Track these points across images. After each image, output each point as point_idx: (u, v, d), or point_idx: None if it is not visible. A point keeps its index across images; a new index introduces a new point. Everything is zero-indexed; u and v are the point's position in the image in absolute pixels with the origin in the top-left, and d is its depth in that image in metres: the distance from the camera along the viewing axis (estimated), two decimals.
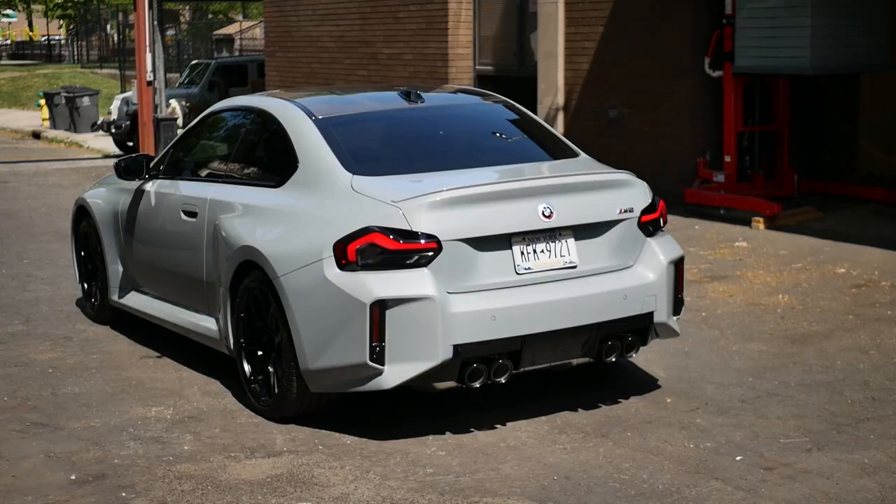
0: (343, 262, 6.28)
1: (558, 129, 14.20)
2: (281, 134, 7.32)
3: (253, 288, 6.89)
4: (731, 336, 8.50)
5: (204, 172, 8.20)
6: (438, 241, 6.24)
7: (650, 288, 6.80)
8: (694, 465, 5.93)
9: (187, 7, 49.27)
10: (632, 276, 6.79)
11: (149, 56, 23.82)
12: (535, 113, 14.48)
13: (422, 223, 6.24)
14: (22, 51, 78.79)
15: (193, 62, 30.25)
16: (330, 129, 7.12)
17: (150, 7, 23.76)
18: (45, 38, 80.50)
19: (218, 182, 7.78)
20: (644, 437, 6.39)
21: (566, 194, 6.63)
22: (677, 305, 7.05)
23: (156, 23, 23.85)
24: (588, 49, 13.76)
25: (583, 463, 6.02)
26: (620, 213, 6.77)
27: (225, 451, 6.35)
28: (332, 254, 6.32)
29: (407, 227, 6.23)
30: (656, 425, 6.59)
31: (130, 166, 8.57)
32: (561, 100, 14.14)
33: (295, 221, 6.73)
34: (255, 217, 7.07)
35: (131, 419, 6.96)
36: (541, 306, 6.43)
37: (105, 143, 26.42)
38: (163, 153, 8.71)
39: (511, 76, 15.32)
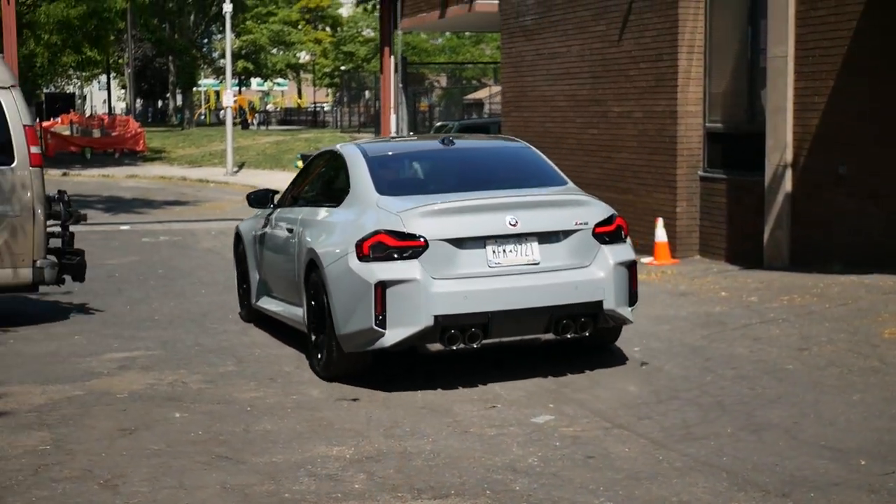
0: (361, 255, 8.66)
1: (786, 186, 13.74)
2: (344, 168, 9.84)
3: (315, 280, 9.30)
4: None
5: (301, 199, 10.72)
6: (426, 240, 8.59)
7: (599, 283, 8.86)
8: None
9: (443, 73, 50.47)
10: (585, 273, 8.87)
11: (393, 117, 24.58)
12: (763, 169, 14.09)
13: (413, 227, 8.63)
14: (290, 117, 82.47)
15: (439, 124, 30.87)
16: (374, 163, 9.62)
17: (396, 71, 24.54)
18: (312, 105, 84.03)
19: (306, 206, 10.38)
20: (828, 499, 6.03)
21: (530, 209, 8.88)
22: (631, 299, 9.13)
23: (401, 85, 24.59)
24: (818, 104, 13.29)
25: None
26: (577, 224, 8.92)
27: (393, 491, 6.37)
28: (354, 249, 8.71)
29: (403, 230, 8.61)
30: (843, 487, 6.21)
31: (259, 198, 11.33)
32: (789, 156, 13.69)
33: (339, 229, 9.19)
34: (320, 228, 9.59)
35: (312, 457, 7.08)
36: (505, 291, 8.60)
37: None
38: (286, 189, 11.22)
39: (741, 133, 14.95)
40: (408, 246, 8.58)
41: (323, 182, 10.57)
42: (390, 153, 10.38)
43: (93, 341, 11.14)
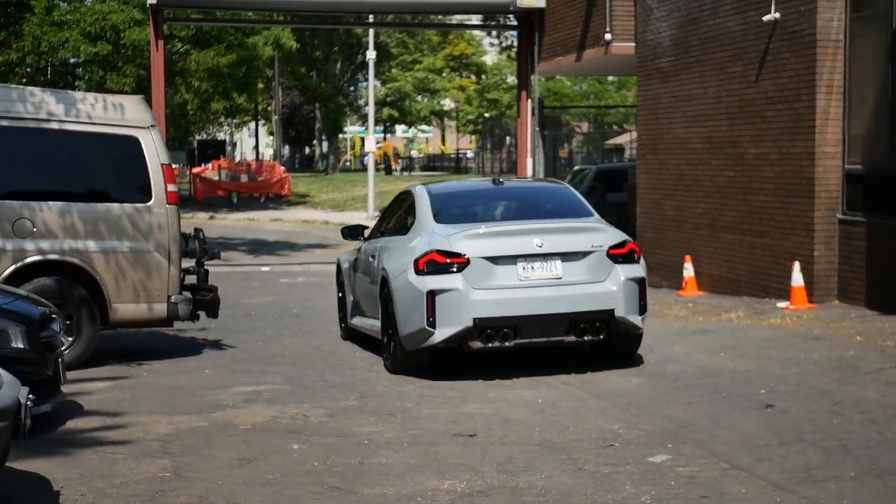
0: (417, 270, 10.67)
1: None
2: (413, 204, 11.92)
3: (386, 293, 11.22)
4: None
5: (383, 231, 12.71)
6: (468, 258, 10.58)
7: (612, 294, 10.66)
8: None
9: (585, 119, 50.43)
10: (600, 287, 10.69)
11: (529, 161, 24.60)
12: None
13: (458, 247, 10.64)
14: (433, 163, 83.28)
15: (576, 168, 30.82)
16: (435, 200, 11.72)
17: (533, 114, 24.58)
18: (456, 152, 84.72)
19: (386, 236, 12.42)
20: None
21: (554, 234, 10.82)
22: (641, 309, 10.85)
23: (537, 129, 24.62)
24: None
25: None
26: (592, 246, 10.78)
27: None
28: (412, 266, 10.73)
29: (450, 250, 10.61)
30: None
31: (352, 232, 13.50)
32: None
33: (404, 251, 11.16)
34: (391, 252, 11.53)
35: (423, 490, 7.07)
36: (532, 300, 10.51)
37: None
38: (375, 223, 13.31)
39: (882, 174, 14.54)
40: (453, 262, 10.59)
41: (398, 216, 12.52)
42: (449, 192, 12.55)
43: (222, 375, 11.35)
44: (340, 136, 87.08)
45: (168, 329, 13.69)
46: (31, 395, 6.78)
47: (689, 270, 17.74)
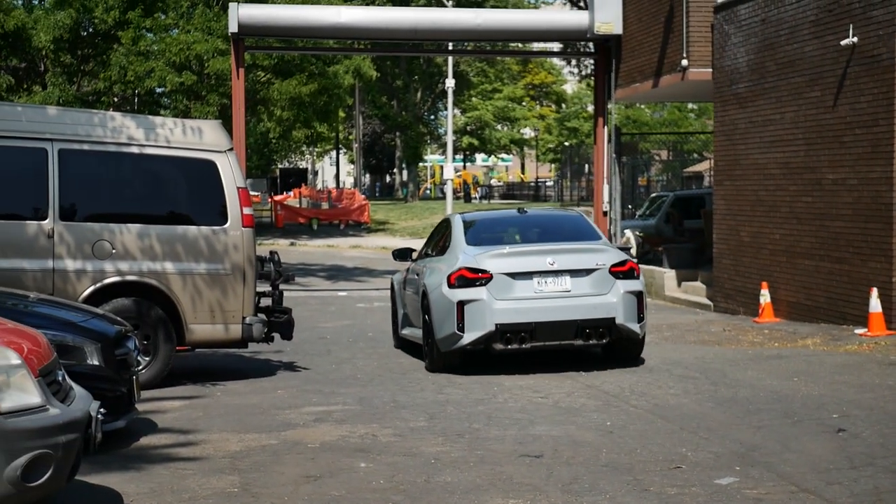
0: (449, 284, 12.50)
1: None
2: (450, 229, 13.87)
3: (425, 304, 13.01)
4: None
5: (427, 252, 14.55)
6: (491, 274, 12.39)
7: (613, 305, 12.39)
8: None
9: (664, 148, 50.18)
10: (603, 299, 12.42)
11: (606, 187, 24.51)
12: None
13: (483, 265, 12.48)
14: (512, 191, 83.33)
15: (654, 195, 30.68)
16: (467, 225, 13.74)
17: (609, 141, 24.52)
18: (535, 180, 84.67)
19: (429, 257, 14.21)
20: None
21: (564, 254, 12.60)
22: (639, 318, 12.52)
23: (614, 155, 24.55)
24: None
25: None
26: (596, 265, 12.53)
27: None
28: (446, 281, 12.55)
29: (477, 267, 12.45)
30: None
31: (402, 254, 15.20)
32: None
33: (440, 269, 12.98)
34: (430, 270, 13.36)
35: None
36: (545, 309, 12.30)
37: None
38: (422, 246, 15.27)
39: None
40: (479, 277, 12.40)
41: (438, 240, 14.45)
42: (479, 219, 14.57)
43: (294, 396, 11.47)
44: (420, 164, 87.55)
45: (244, 351, 13.88)
46: (101, 409, 6.92)
47: (765, 297, 17.56)
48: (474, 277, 12.36)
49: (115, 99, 38.30)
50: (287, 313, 13.01)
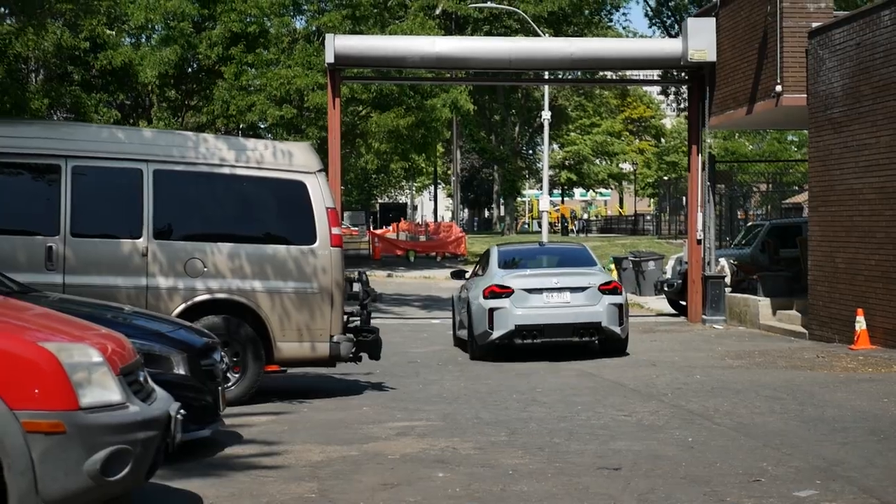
0: (484, 297, 16.57)
1: None
2: (489, 257, 18.31)
3: (469, 312, 17.02)
4: None
5: (475, 274, 18.82)
6: (512, 290, 16.54)
7: (600, 313, 16.46)
8: None
9: (765, 180, 49.61)
10: (592, 308, 16.51)
11: (699, 215, 24.32)
12: None
13: (508, 283, 16.66)
14: (610, 225, 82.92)
15: (750, 224, 30.30)
16: (500, 254, 18.21)
17: (703, 169, 24.35)
18: (633, 214, 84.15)
19: (475, 277, 18.34)
20: None
21: (566, 276, 16.91)
22: (620, 322, 16.64)
23: (708, 184, 24.36)
24: None
25: None
26: (589, 284, 16.65)
27: None
28: (482, 294, 16.66)
29: (503, 284, 16.63)
30: None
31: (457, 274, 20.15)
32: None
33: (479, 286, 17.12)
34: (473, 286, 17.58)
35: None
36: (551, 314, 16.46)
37: (663, 303, 26.88)
38: (472, 269, 19.77)
39: None
40: (504, 292, 16.55)
41: (482, 264, 18.87)
42: (510, 249, 19.52)
43: (379, 412, 11.59)
44: (518, 198, 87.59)
45: (333, 372, 14.05)
46: (182, 411, 7.08)
47: (861, 324, 17.24)
48: (501, 292, 16.58)
49: (218, 132, 39.07)
50: (374, 332, 13.14)
